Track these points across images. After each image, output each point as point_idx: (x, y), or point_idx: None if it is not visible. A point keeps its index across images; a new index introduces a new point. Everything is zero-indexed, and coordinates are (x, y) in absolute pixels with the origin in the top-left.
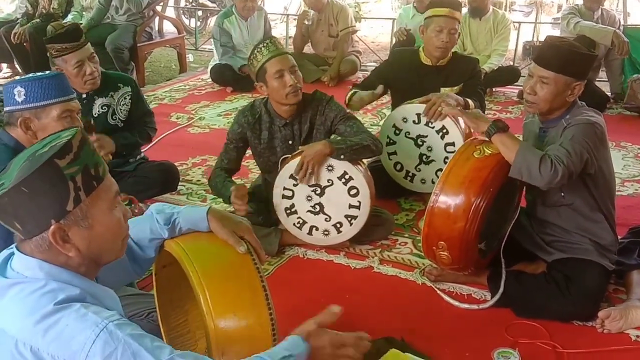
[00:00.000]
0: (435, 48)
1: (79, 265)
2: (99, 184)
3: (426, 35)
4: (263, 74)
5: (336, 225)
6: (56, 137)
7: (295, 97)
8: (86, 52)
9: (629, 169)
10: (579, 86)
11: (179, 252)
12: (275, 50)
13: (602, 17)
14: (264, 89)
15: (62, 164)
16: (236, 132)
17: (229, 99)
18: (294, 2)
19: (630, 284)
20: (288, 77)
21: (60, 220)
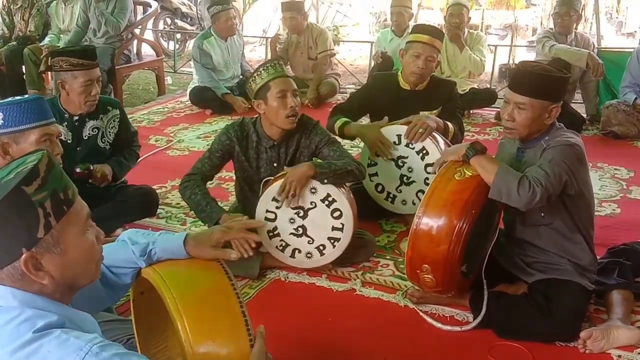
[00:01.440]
0: (411, 73)
1: (53, 292)
2: (69, 208)
3: (404, 59)
4: (265, 91)
5: (319, 248)
6: (21, 163)
7: (292, 122)
8: (96, 73)
9: (606, 189)
10: (555, 108)
11: (156, 279)
12: (281, 72)
13: (576, 39)
14: (262, 107)
15: (30, 190)
16: (224, 143)
17: (209, 121)
18: (273, 25)
19: (610, 304)
20: (290, 99)
21: (32, 248)
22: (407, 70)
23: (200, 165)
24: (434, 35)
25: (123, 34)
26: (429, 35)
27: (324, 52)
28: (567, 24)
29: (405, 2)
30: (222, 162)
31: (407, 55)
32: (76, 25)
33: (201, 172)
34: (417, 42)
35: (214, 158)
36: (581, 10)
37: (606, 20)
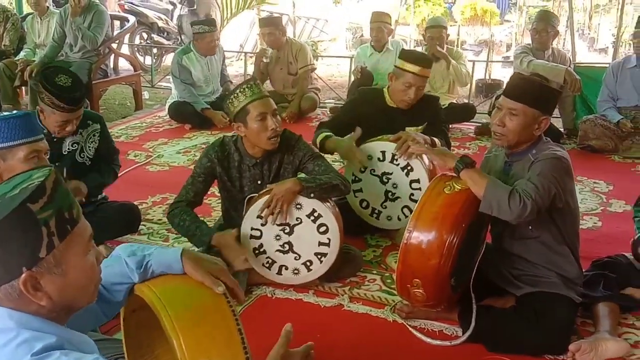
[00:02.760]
0: (400, 100)
1: (50, 313)
2: (74, 227)
3: (394, 85)
4: (244, 114)
5: (306, 264)
6: (27, 178)
7: (274, 143)
8: (78, 114)
9: (587, 202)
10: (545, 120)
11: (151, 297)
12: (259, 93)
13: (553, 55)
14: (242, 129)
15: (35, 208)
16: (205, 165)
17: (188, 136)
18: (250, 40)
19: (597, 317)
20: (271, 120)
21: (32, 268)
22: (397, 96)
23: (184, 192)
24: (426, 65)
25: (100, 49)
26: (421, 67)
27: (304, 67)
28: (545, 40)
29: (385, 18)
30: (206, 186)
31: (397, 82)
32: (52, 39)
33: (186, 198)
34: (410, 72)
35: (197, 183)
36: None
37: (578, 37)
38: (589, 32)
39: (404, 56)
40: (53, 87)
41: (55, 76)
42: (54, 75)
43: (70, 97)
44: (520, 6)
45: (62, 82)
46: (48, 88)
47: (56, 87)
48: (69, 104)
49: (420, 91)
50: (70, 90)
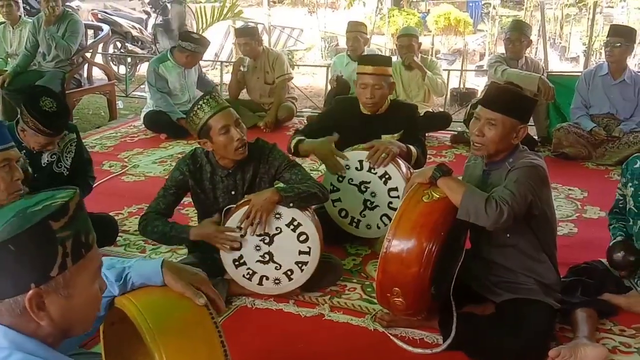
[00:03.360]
0: (364, 103)
1: (47, 336)
2: (87, 252)
3: (356, 90)
4: (207, 130)
5: (287, 273)
6: (50, 197)
7: (243, 152)
8: (61, 136)
9: (562, 209)
10: (523, 129)
11: (132, 310)
12: (217, 106)
13: (526, 64)
14: (209, 145)
15: (56, 226)
16: (177, 178)
17: (164, 145)
18: (226, 49)
19: (576, 322)
20: (234, 131)
21: (41, 286)
22: (360, 100)
23: (155, 204)
24: (379, 63)
25: (74, 58)
26: (372, 65)
27: (281, 76)
28: (518, 49)
29: (361, 28)
30: (177, 198)
31: (357, 86)
32: (25, 49)
33: (156, 210)
34: (363, 73)
35: (168, 195)
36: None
37: (550, 46)
38: (560, 42)
39: (359, 61)
40: (38, 114)
41: (39, 100)
42: (39, 99)
43: (55, 124)
44: (492, 16)
45: (47, 107)
46: (33, 114)
47: (41, 113)
48: (53, 130)
49: (378, 91)
50: (55, 117)
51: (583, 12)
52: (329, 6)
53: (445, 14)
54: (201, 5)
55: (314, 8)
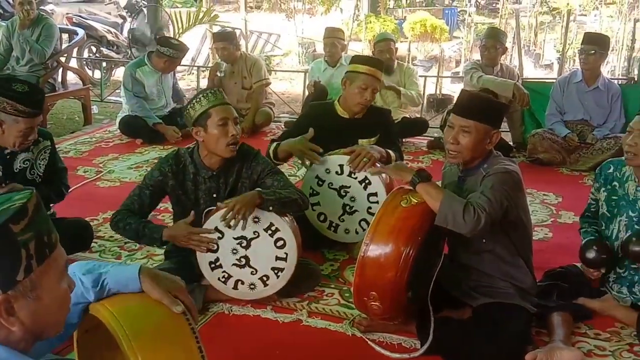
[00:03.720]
0: (357, 104)
1: (19, 341)
2: (52, 252)
3: (349, 89)
4: (206, 118)
5: (263, 279)
6: (7, 200)
7: (233, 150)
8: (39, 120)
9: (537, 214)
10: (496, 134)
11: (107, 316)
12: (222, 99)
13: (502, 71)
14: (201, 134)
15: (16, 229)
16: (156, 178)
17: (140, 151)
18: (203, 53)
19: (552, 326)
20: (232, 127)
21: (8, 291)
22: (352, 100)
23: (129, 202)
24: (379, 67)
25: (48, 62)
26: (375, 68)
27: (259, 81)
28: (493, 56)
29: (338, 34)
30: (153, 200)
31: (352, 86)
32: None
33: (129, 209)
34: (365, 74)
35: (144, 195)
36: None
37: (524, 53)
38: (534, 49)
39: (355, 60)
40: (14, 94)
41: (10, 85)
42: (11, 84)
43: (33, 101)
44: (468, 23)
45: (20, 89)
46: (9, 95)
47: (17, 93)
48: (33, 108)
49: (374, 94)
50: (30, 94)
51: (557, 20)
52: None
53: (421, 20)
54: (177, 10)
55: (292, 14)
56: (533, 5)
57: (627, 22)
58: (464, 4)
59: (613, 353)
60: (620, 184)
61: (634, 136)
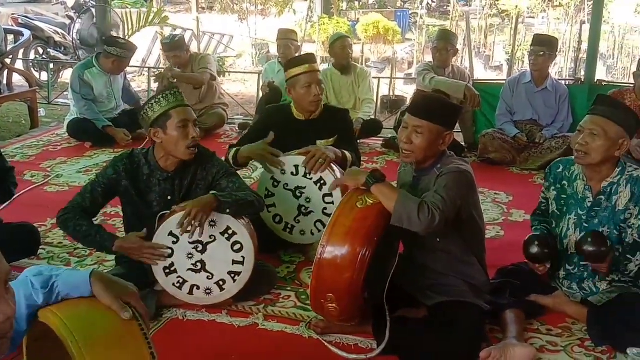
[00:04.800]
0: (310, 102)
1: None
2: None
3: (296, 94)
4: (165, 119)
5: (219, 283)
6: None
7: (192, 153)
8: None
9: (489, 213)
10: (449, 135)
11: (57, 323)
12: (182, 100)
13: (453, 72)
14: (160, 135)
15: None
16: (110, 176)
17: (89, 154)
18: (154, 54)
19: (505, 323)
20: (192, 129)
21: None
22: (304, 101)
23: (80, 200)
24: (312, 60)
25: None
26: (309, 64)
27: (202, 68)
28: (445, 58)
29: (291, 35)
30: (104, 198)
31: (297, 89)
32: None
33: (80, 206)
34: (303, 73)
35: (96, 192)
36: (457, 45)
37: (475, 55)
38: (484, 51)
39: (287, 66)
40: None
41: None
42: None
43: None
44: (420, 25)
45: None
46: None
47: None
48: None
49: (320, 86)
50: None
51: (506, 22)
52: (259, 13)
53: (374, 22)
54: (127, 10)
55: (245, 15)
56: (483, 7)
57: (573, 25)
58: (415, 6)
59: (565, 348)
60: (569, 183)
61: (585, 135)
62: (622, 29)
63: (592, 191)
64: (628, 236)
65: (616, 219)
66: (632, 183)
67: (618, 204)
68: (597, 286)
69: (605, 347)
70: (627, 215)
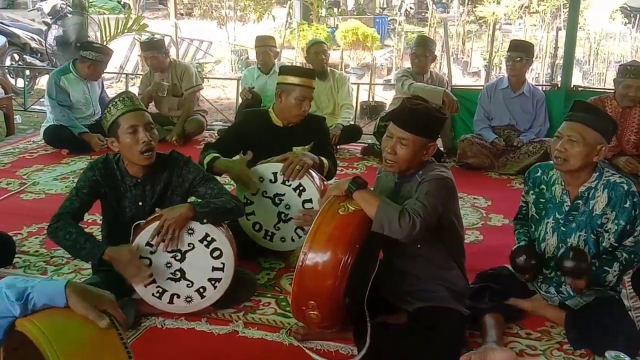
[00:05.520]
0: (295, 115)
1: None
2: None
3: (285, 102)
4: (116, 128)
5: (199, 291)
6: None
7: (149, 158)
8: None
9: (468, 217)
10: (433, 146)
11: (35, 333)
12: (131, 105)
13: (431, 78)
14: (115, 144)
15: None
16: (91, 179)
17: (65, 161)
18: (131, 61)
19: (484, 328)
20: (142, 133)
21: None
22: (290, 112)
23: (69, 204)
24: (312, 76)
25: None
26: (309, 78)
27: (190, 88)
28: (423, 64)
29: (269, 42)
30: (91, 200)
31: (289, 99)
32: None
33: (70, 210)
34: (300, 86)
35: (82, 195)
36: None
37: (453, 61)
38: (462, 57)
39: (287, 71)
40: None
41: None
42: None
43: None
44: (398, 32)
45: None
46: None
47: None
48: None
49: (310, 103)
50: None
51: (483, 29)
52: (238, 19)
53: (353, 29)
54: (105, 17)
55: (224, 21)
56: (460, 14)
57: (550, 31)
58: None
59: (544, 352)
60: (547, 187)
61: (563, 142)
62: (597, 35)
63: (570, 195)
64: (605, 241)
65: (593, 223)
66: (609, 188)
67: (595, 209)
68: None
69: (583, 351)
70: (603, 219)
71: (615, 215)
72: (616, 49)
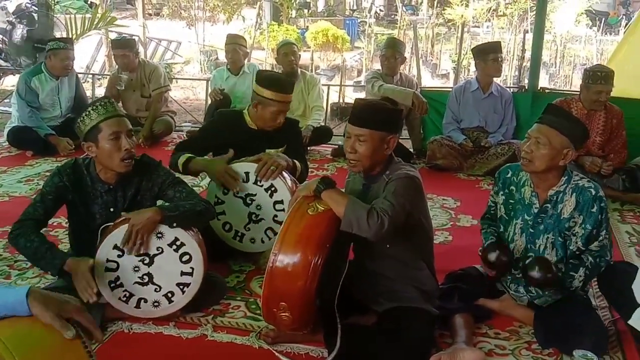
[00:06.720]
0: (270, 126)
1: None
2: None
3: (262, 113)
4: (96, 133)
5: (167, 295)
6: None
7: (128, 165)
8: None
9: (437, 218)
10: (393, 139)
11: None
12: (113, 111)
13: (401, 80)
14: (93, 149)
15: None
16: (57, 184)
17: (30, 163)
18: (98, 61)
19: (454, 328)
20: (125, 140)
21: None
22: (265, 123)
23: (32, 210)
24: (289, 90)
25: None
26: (286, 93)
27: (158, 89)
28: (393, 66)
29: (239, 40)
30: (56, 206)
31: (265, 111)
32: None
33: (34, 216)
34: (277, 101)
35: (47, 201)
36: (405, 53)
37: (422, 63)
38: (431, 59)
39: (264, 83)
40: None
41: None
42: None
43: None
44: (368, 34)
45: None
46: None
47: None
48: None
49: (285, 114)
50: None
51: (452, 31)
52: (207, 20)
53: (323, 30)
54: (71, 16)
55: (193, 21)
56: (429, 17)
57: (517, 34)
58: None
59: (513, 352)
60: (517, 189)
61: (530, 143)
62: (564, 38)
63: (539, 198)
64: (572, 244)
65: (561, 226)
66: (577, 192)
67: (563, 212)
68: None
69: (551, 350)
70: (571, 223)
71: (583, 219)
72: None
